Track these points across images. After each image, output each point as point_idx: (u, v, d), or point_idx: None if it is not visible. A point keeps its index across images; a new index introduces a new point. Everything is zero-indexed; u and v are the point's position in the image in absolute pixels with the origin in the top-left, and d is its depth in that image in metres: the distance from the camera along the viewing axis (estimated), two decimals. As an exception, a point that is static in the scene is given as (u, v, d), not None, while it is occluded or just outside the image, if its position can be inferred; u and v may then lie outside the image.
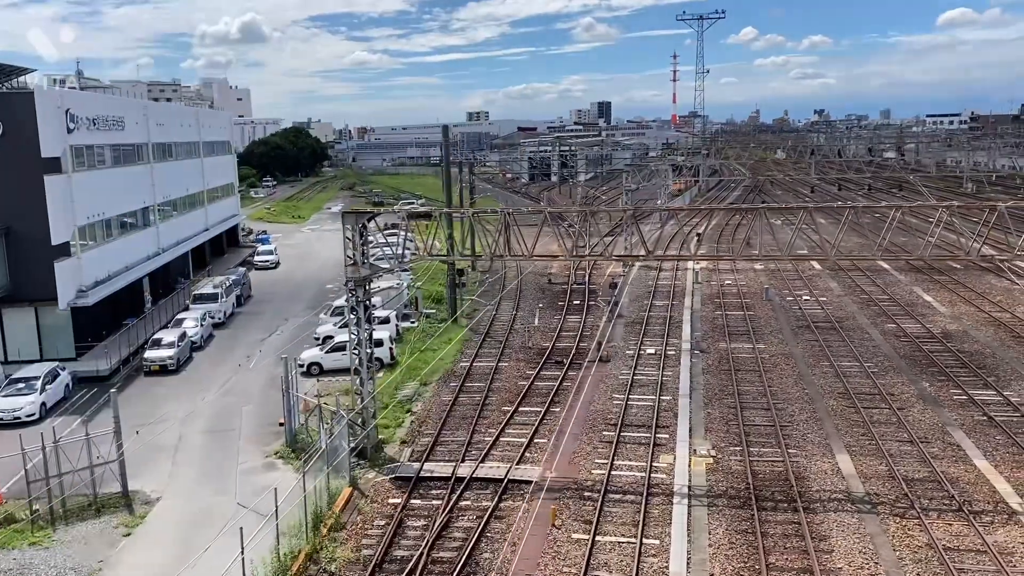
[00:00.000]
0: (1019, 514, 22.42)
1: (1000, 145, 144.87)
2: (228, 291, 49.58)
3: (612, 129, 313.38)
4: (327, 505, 23.95)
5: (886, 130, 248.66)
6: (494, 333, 44.54)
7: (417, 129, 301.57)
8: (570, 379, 36.06)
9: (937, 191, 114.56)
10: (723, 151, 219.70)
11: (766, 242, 68.83)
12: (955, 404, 31.06)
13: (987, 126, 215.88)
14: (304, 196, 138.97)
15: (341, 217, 27.47)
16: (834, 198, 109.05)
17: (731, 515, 22.94)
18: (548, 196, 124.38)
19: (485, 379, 36.04)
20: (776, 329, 42.89)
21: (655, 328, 44.15)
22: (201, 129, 63.99)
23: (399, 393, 34.78)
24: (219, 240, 70.82)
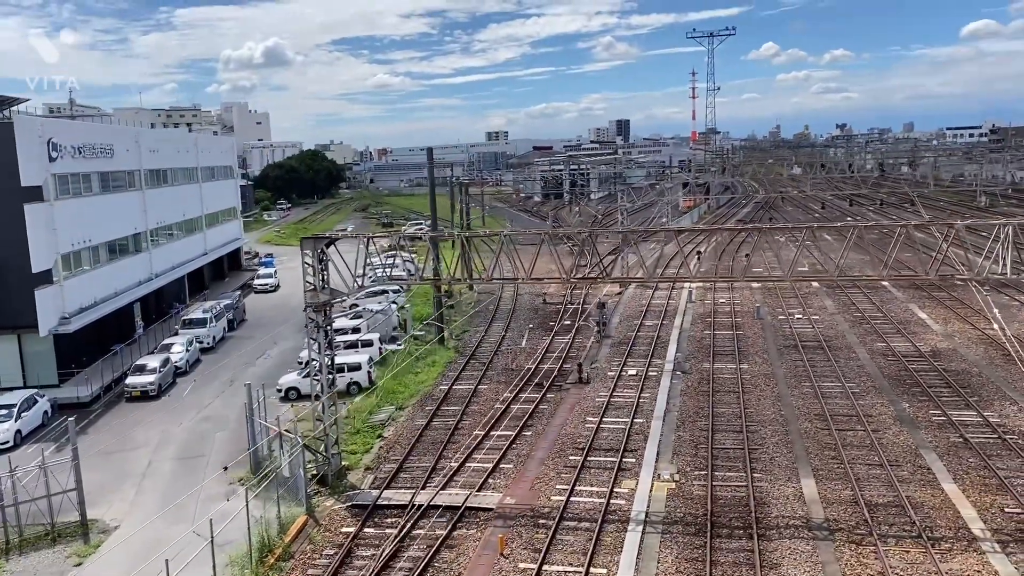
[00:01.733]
0: (980, 540, 21.79)
1: (1016, 158, 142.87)
2: (218, 316, 49.81)
3: (629, 147, 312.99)
4: (278, 534, 23.79)
5: (904, 144, 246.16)
6: (480, 355, 44.35)
7: (435, 149, 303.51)
8: (548, 401, 35.76)
9: (950, 205, 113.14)
10: (739, 167, 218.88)
11: (766, 260, 68.48)
12: (933, 425, 30.37)
13: (1007, 138, 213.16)
14: (316, 218, 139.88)
15: (300, 243, 27.48)
16: (844, 214, 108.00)
17: (684, 542, 22.48)
18: (554, 215, 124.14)
19: (462, 403, 35.81)
20: (762, 349, 42.31)
21: (641, 348, 43.73)
22: (200, 154, 64.63)
23: (373, 417, 34.67)
24: (220, 264, 71.32)
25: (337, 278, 27.88)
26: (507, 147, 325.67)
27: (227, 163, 74.50)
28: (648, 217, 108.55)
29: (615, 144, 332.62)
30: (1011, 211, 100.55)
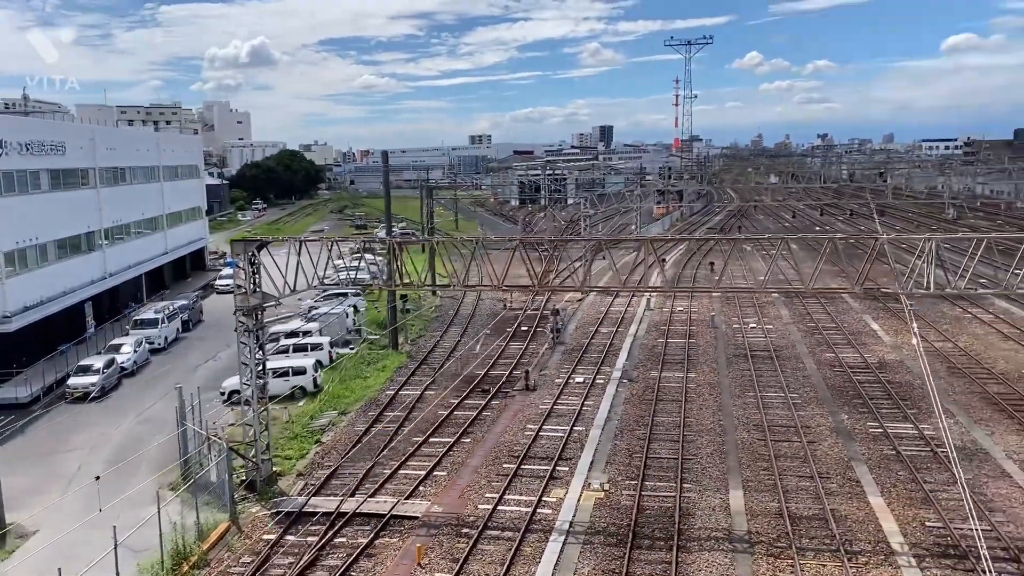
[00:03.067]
0: (897, 555, 21.82)
1: (986, 171, 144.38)
2: (171, 316, 49.32)
3: (610, 153, 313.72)
4: (196, 540, 23.48)
5: (879, 155, 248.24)
6: (432, 360, 44.14)
7: (416, 152, 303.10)
8: (492, 408, 35.62)
9: (919, 216, 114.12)
10: (718, 175, 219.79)
11: (730, 269, 68.74)
12: (868, 437, 30.46)
13: (981, 151, 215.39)
14: (291, 219, 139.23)
15: (230, 245, 27.17)
16: (814, 223, 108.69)
17: (604, 553, 22.37)
18: (526, 220, 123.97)
19: (406, 408, 35.59)
20: (712, 358, 42.36)
21: (592, 356, 43.67)
22: (162, 153, 64.09)
23: (314, 422, 34.39)
24: (182, 264, 70.71)
25: (295, 280, 27.65)
26: (489, 151, 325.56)
27: (192, 162, 73.91)
28: (621, 224, 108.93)
29: (596, 150, 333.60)
30: (977, 223, 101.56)
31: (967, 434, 30.55)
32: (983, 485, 26.09)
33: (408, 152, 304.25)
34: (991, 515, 23.81)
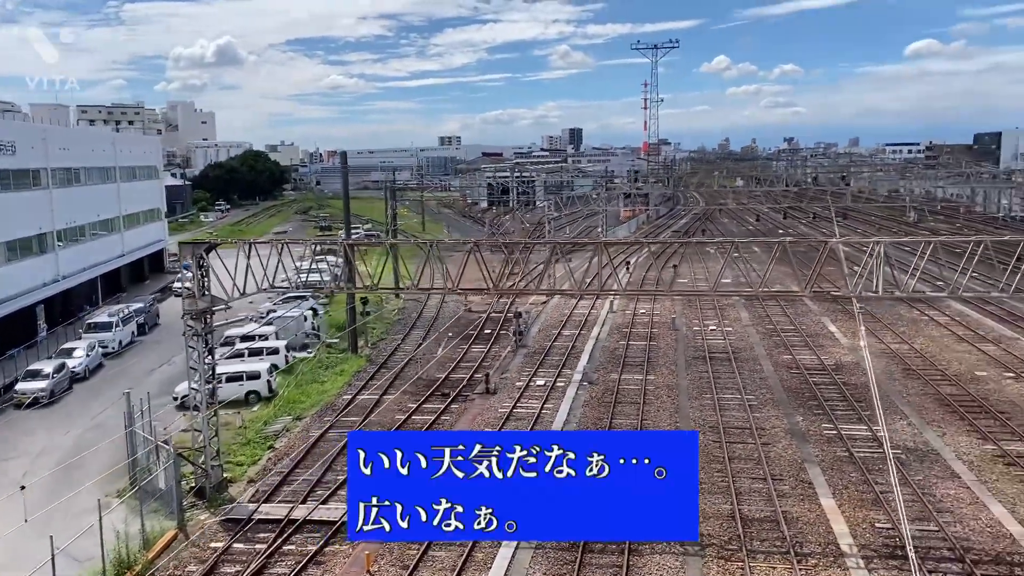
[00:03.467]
0: (846, 556, 21.95)
1: (947, 175, 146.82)
2: (126, 320, 48.43)
3: (579, 155, 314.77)
4: (140, 549, 22.97)
5: (843, 159, 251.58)
6: (392, 364, 43.77)
7: (384, 153, 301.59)
8: (450, 412, 35.39)
9: (881, 220, 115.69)
10: (684, 179, 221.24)
11: (693, 271, 69.23)
12: (822, 439, 30.68)
13: (941, 155, 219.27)
14: (255, 220, 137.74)
15: (178, 247, 26.67)
16: (777, 226, 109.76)
17: (555, 558, 22.25)
18: (492, 222, 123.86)
19: (362, 413, 35.21)
20: (672, 360, 42.49)
21: (554, 358, 43.60)
22: (119, 154, 63.00)
23: (268, 428, 33.92)
24: (140, 266, 69.54)
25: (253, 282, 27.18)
26: (458, 152, 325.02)
27: (151, 163, 72.79)
28: (587, 227, 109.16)
29: (565, 152, 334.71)
30: (936, 226, 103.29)
31: (919, 435, 30.88)
32: (933, 486, 26.36)
33: (376, 153, 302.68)
34: (939, 516, 24.07)
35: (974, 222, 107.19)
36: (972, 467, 27.73)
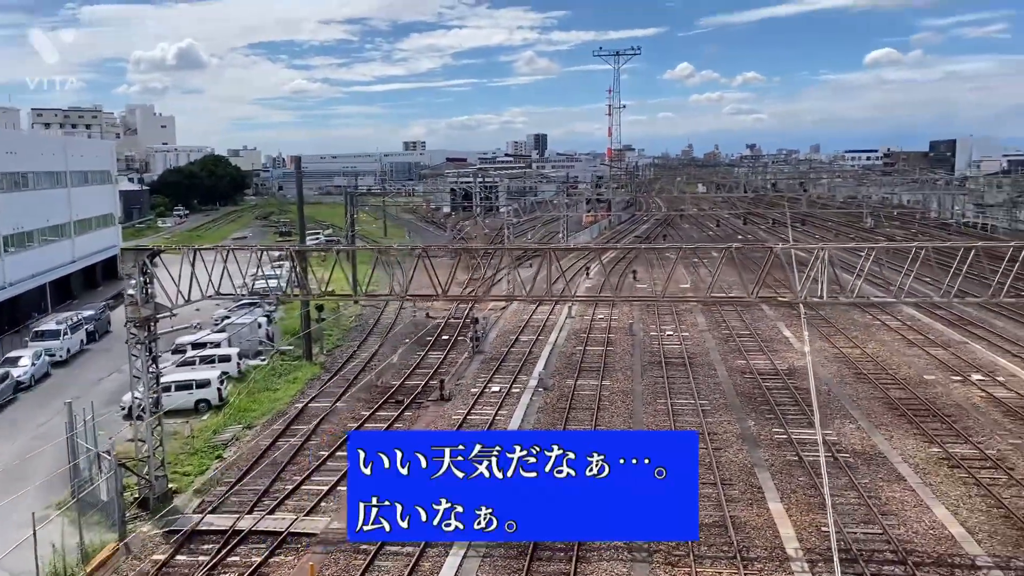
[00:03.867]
0: (792, 560, 22.08)
1: (903, 181, 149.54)
2: (75, 327, 47.38)
3: (543, 161, 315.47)
4: (79, 562, 22.40)
5: (803, 165, 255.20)
6: (346, 371, 43.33)
7: (347, 158, 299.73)
8: (404, 420, 35.09)
9: (838, 226, 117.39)
10: (648, 184, 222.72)
11: (652, 276, 69.54)
12: (772, 443, 30.92)
13: (899, 162, 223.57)
14: (214, 226, 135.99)
15: (120, 254, 26.13)
16: (736, 232, 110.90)
17: (503, 566, 22.09)
18: (454, 228, 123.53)
19: (314, 421, 34.76)
20: (628, 365, 42.61)
21: (510, 364, 43.49)
22: (69, 158, 61.75)
23: (217, 437, 33.35)
24: (92, 272, 68.18)
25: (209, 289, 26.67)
26: (422, 157, 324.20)
27: (104, 167, 71.44)
28: (549, 232, 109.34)
29: (530, 158, 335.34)
30: (892, 232, 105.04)
31: (868, 439, 31.24)
32: (879, 489, 26.66)
33: (339, 158, 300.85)
34: (884, 518, 24.34)
35: (929, 228, 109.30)
36: (918, 470, 28.11)
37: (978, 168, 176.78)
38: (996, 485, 26.64)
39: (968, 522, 24.11)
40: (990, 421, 32.81)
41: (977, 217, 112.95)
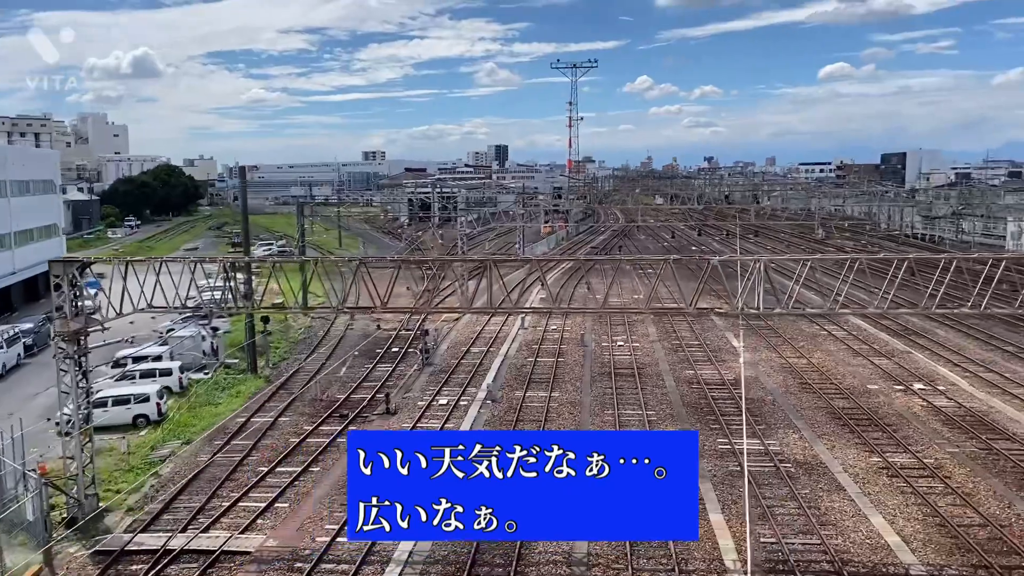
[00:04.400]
0: (729, 572, 22.06)
1: (854, 193, 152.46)
2: (11, 341, 46.03)
3: (504, 172, 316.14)
4: (-2, 587, 21.58)
5: (758, 178, 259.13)
6: (291, 384, 42.62)
7: (304, 167, 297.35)
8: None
9: (790, 237, 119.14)
10: (608, 195, 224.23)
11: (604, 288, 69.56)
12: (716, 454, 30.99)
13: (850, 175, 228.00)
14: (165, 236, 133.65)
15: (48, 265, 25.40)
16: (691, 243, 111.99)
17: (440, 583, 21.75)
18: (408, 238, 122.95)
19: (255, 436, 34.08)
20: (577, 376, 42.54)
21: (459, 376, 43.16)
22: (8, 168, 60.18)
23: (154, 453, 32.50)
24: (35, 284, 66.38)
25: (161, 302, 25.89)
26: (380, 167, 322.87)
27: (47, 177, 69.75)
28: (507, 242, 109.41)
29: (491, 169, 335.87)
30: (843, 243, 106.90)
31: (810, 449, 31.46)
32: (818, 499, 26.81)
33: (296, 167, 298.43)
34: (822, 528, 24.45)
35: (878, 239, 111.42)
36: (857, 479, 28.34)
37: (927, 180, 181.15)
38: (932, 494, 26.96)
39: (904, 531, 24.33)
40: (929, 430, 33.27)
41: (925, 229, 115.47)
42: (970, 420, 34.29)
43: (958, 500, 26.44)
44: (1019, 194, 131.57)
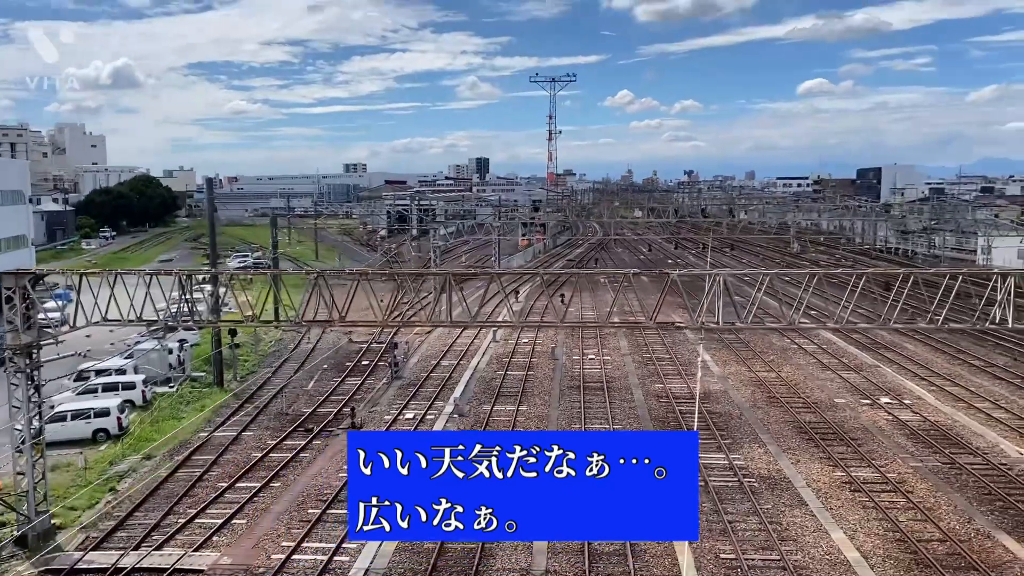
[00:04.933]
0: (688, 589, 21.90)
1: (829, 208, 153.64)
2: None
3: (484, 184, 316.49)
4: (-60, 608, 21.05)
5: (733, 191, 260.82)
6: (258, 398, 42.16)
7: (284, 179, 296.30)
8: (311, 449, 34.15)
9: (766, 251, 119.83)
10: (587, 208, 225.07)
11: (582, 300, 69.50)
12: (681, 469, 30.82)
13: (827, 189, 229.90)
14: (140, 248, 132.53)
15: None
16: (667, 256, 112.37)
17: (394, 601, 21.44)
18: (384, 250, 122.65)
19: (217, 450, 33.61)
20: (546, 390, 42.37)
21: (428, 390, 42.88)
22: (-26, 177, 59.42)
23: (113, 468, 31.97)
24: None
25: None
26: (361, 179, 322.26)
27: (15, 187, 68.94)
28: (483, 255, 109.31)
29: (471, 181, 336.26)
30: (817, 256, 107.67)
31: (775, 463, 31.44)
32: (780, 514, 26.75)
33: (276, 179, 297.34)
34: (782, 544, 24.38)
35: (852, 253, 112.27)
36: (820, 494, 28.32)
37: (902, 195, 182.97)
38: (894, 508, 26.97)
39: (864, 546, 24.30)
40: (894, 444, 33.36)
41: (899, 243, 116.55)
42: (934, 434, 34.44)
43: (919, 515, 26.46)
44: (990, 209, 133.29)
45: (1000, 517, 26.32)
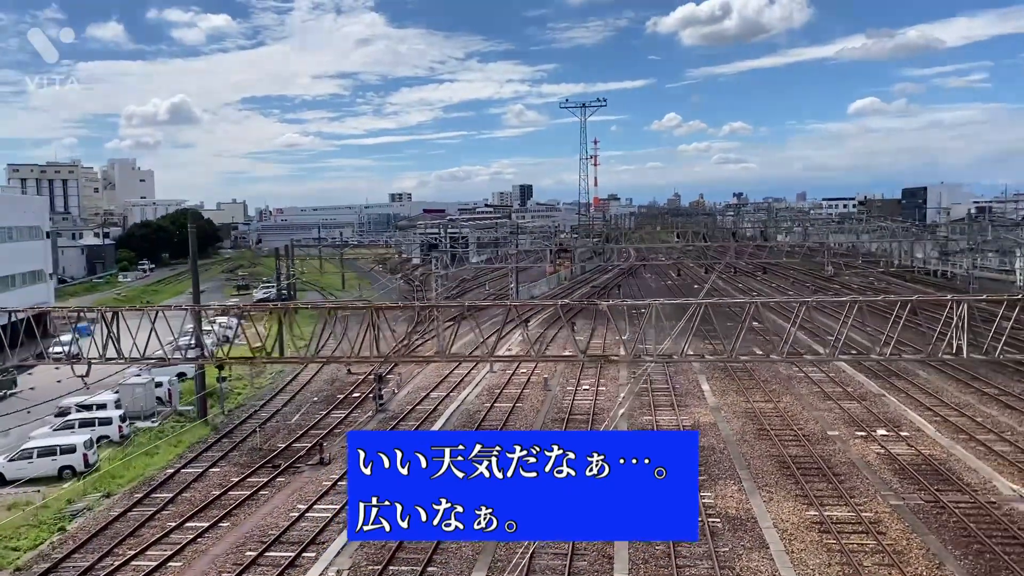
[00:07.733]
0: (612, 643, 20.50)
1: (871, 228, 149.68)
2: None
3: (524, 211, 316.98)
4: None
5: (782, 213, 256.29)
6: (237, 433, 41.74)
7: (327, 210, 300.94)
8: (273, 486, 33.50)
9: (799, 274, 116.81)
10: (627, 234, 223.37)
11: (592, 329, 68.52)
12: (643, 508, 29.36)
13: (871, 209, 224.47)
14: (176, 280, 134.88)
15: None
16: (694, 281, 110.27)
17: (301, 653, 20.46)
18: (406, 279, 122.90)
19: (178, 488, 33.17)
20: (529, 423, 41.20)
21: (409, 423, 42.07)
22: (-9, 215, 60.90)
23: (70, 507, 31.70)
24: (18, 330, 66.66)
25: None
26: (403, 208, 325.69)
27: (34, 224, 70.59)
28: (503, 284, 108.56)
29: (511, 208, 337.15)
30: (850, 280, 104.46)
31: (745, 502, 29.76)
32: (736, 558, 25.16)
33: (320, 210, 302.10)
34: (728, 592, 22.81)
35: (887, 275, 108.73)
36: (785, 535, 26.64)
37: (947, 214, 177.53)
38: (861, 552, 25.19)
39: (817, 595, 22.61)
40: (878, 480, 31.40)
41: (941, 264, 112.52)
42: (925, 469, 32.36)
43: (885, 559, 24.64)
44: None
45: (974, 562, 24.36)
